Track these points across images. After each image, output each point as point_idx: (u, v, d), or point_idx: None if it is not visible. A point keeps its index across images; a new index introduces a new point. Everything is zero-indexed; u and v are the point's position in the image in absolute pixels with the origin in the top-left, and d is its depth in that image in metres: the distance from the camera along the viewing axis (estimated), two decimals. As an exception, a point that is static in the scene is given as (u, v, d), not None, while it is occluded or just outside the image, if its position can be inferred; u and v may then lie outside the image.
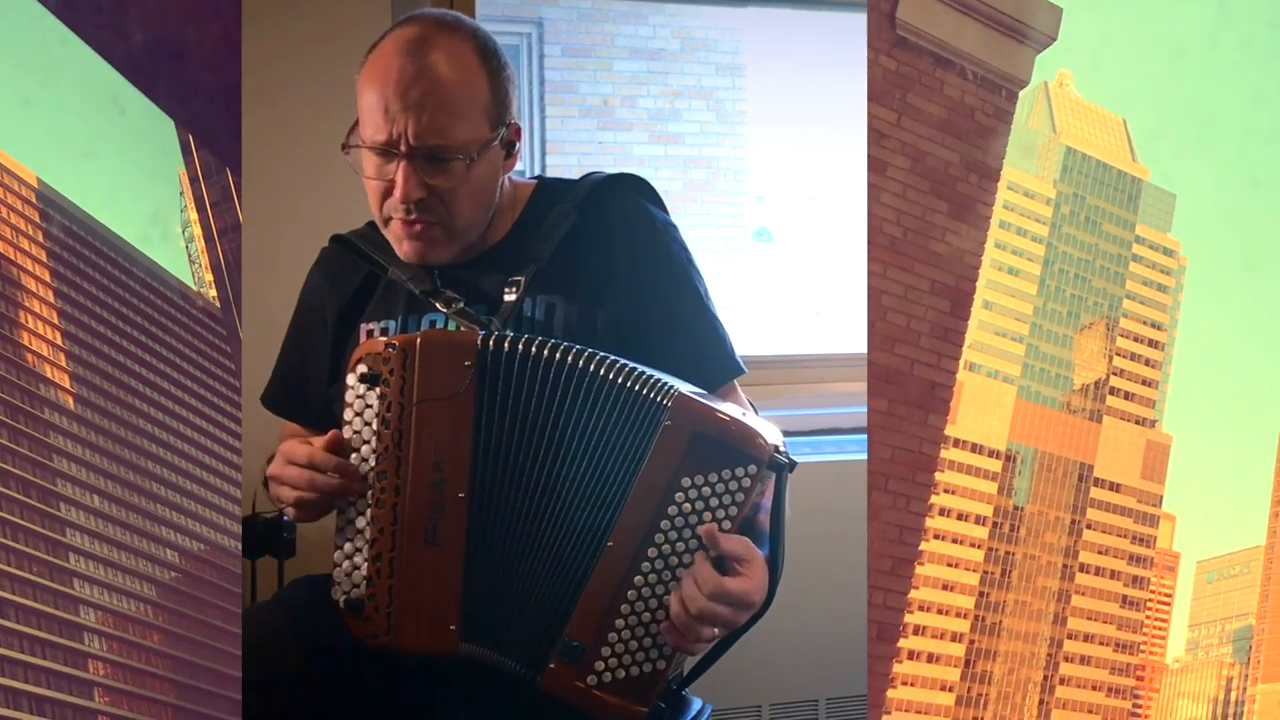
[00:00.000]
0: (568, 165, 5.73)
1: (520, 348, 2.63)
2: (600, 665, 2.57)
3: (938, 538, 35.72)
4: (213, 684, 6.52)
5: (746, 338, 5.22)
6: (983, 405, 37.32)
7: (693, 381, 2.68)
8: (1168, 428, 40.70)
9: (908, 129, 6.32)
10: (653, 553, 2.56)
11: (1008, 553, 37.48)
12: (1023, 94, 6.76)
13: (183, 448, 7.30)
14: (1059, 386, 39.23)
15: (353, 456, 2.68)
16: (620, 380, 2.60)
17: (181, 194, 7.15)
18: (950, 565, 36.06)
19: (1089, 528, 37.97)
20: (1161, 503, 38.91)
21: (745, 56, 5.93)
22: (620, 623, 2.57)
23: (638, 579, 2.56)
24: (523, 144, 2.99)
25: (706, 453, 2.57)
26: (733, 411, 2.63)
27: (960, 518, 36.44)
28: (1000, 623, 36.99)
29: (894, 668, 6.67)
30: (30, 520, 5.85)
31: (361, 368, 2.67)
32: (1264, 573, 36.88)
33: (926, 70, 6.38)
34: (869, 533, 5.80)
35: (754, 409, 2.96)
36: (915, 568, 6.37)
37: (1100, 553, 38.22)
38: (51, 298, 6.72)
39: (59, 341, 6.62)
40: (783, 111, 5.83)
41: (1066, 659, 37.73)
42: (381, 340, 2.69)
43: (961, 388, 34.52)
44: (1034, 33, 6.63)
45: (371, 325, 2.91)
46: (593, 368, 2.61)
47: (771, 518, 2.70)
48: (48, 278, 6.78)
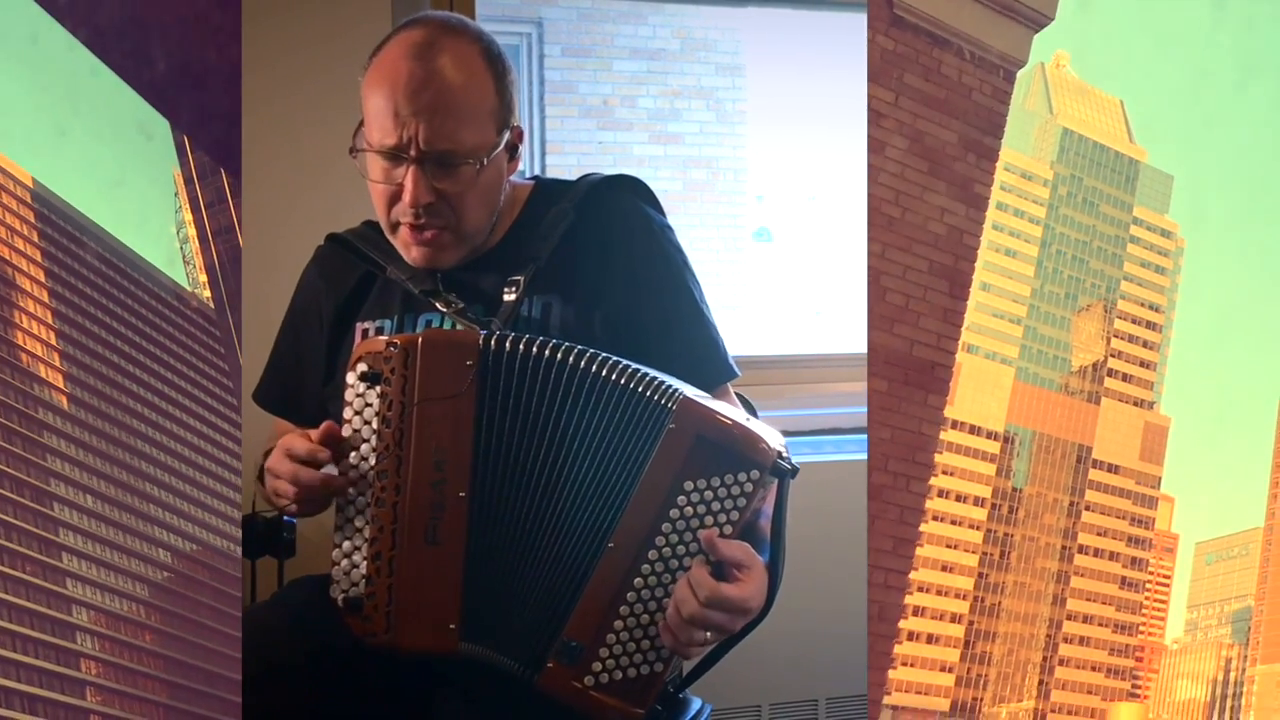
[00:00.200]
0: (568, 165, 5.69)
1: (522, 348, 2.60)
2: (598, 666, 2.54)
3: (936, 519, 35.85)
4: (205, 683, 6.54)
5: (746, 338, 5.23)
6: (980, 387, 37.39)
7: (687, 383, 2.63)
8: (1166, 409, 40.83)
9: (905, 109, 6.31)
10: (653, 555, 2.52)
11: (1006, 534, 37.62)
12: (1019, 75, 6.75)
13: (176, 448, 7.31)
14: (1057, 368, 39.35)
15: (352, 455, 2.64)
16: (623, 382, 2.56)
17: (176, 195, 7.15)
18: (949, 547, 36.18)
19: (1088, 509, 38.10)
20: (1160, 484, 39.07)
21: (745, 56, 5.89)
22: (619, 624, 2.53)
23: (637, 581, 2.53)
24: (524, 146, 2.99)
25: (709, 457, 2.53)
26: (736, 416, 2.59)
27: (959, 499, 36.55)
28: (999, 604, 37.12)
29: (894, 649, 6.67)
30: (24, 520, 5.86)
31: (362, 366, 2.63)
32: (1263, 554, 36.97)
33: (924, 50, 6.37)
34: (869, 512, 5.81)
35: (752, 410, 2.96)
36: (915, 549, 6.37)
37: (1099, 534, 38.36)
38: (46, 298, 6.72)
39: (53, 341, 6.62)
40: (782, 111, 5.80)
41: (1065, 640, 37.88)
42: (382, 339, 2.65)
43: (959, 369, 34.56)
44: (1031, 12, 6.63)
45: (368, 324, 2.87)
46: (594, 368, 2.57)
47: (772, 524, 2.67)
48: (43, 278, 6.78)
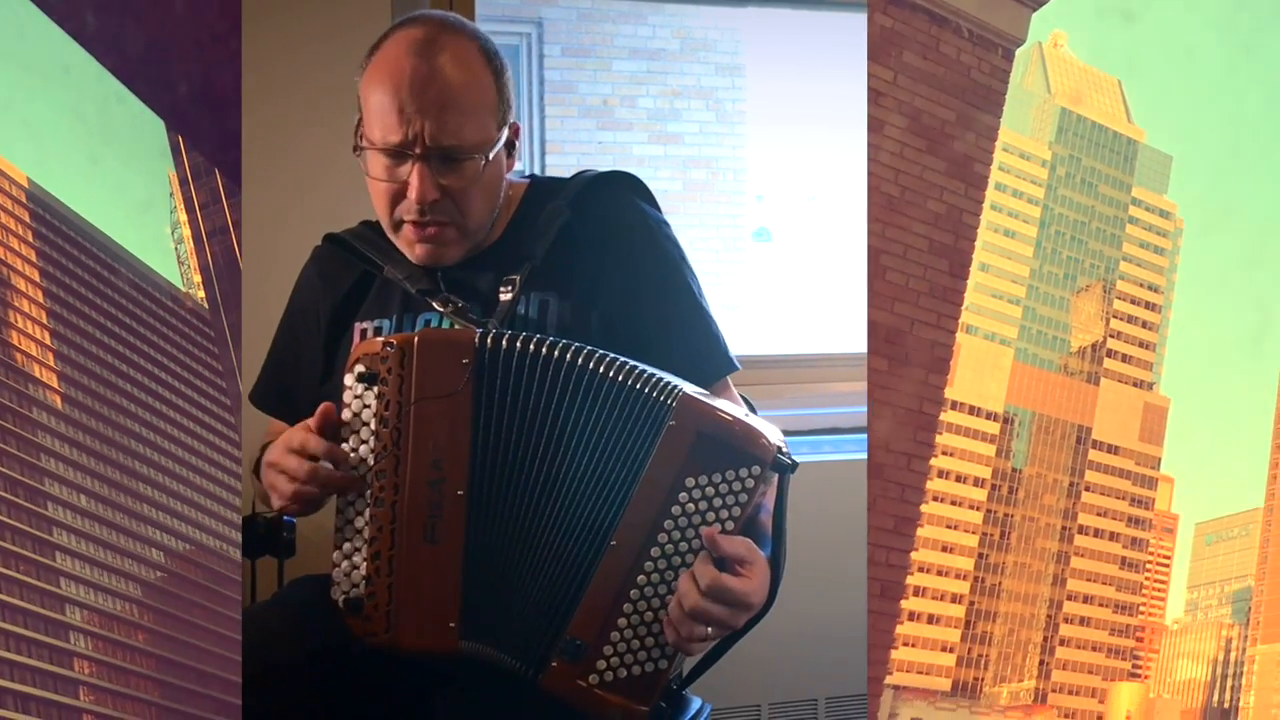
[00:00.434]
0: (567, 165, 5.66)
1: (519, 346, 2.60)
2: (602, 664, 2.54)
3: (936, 500, 35.95)
4: (197, 683, 6.56)
5: (746, 338, 5.23)
6: (980, 368, 37.45)
7: (687, 379, 2.63)
8: (1165, 390, 40.98)
9: (904, 87, 6.31)
10: (655, 552, 2.53)
11: (1006, 515, 37.73)
12: (1017, 54, 6.74)
13: (170, 448, 7.34)
14: (1056, 349, 39.41)
15: (352, 456, 2.65)
16: (623, 379, 2.56)
17: (171, 196, 7.15)
18: (949, 527, 36.28)
19: (1087, 490, 38.19)
20: (1160, 465, 39.21)
21: (745, 56, 5.88)
22: (623, 622, 2.54)
23: (640, 578, 2.53)
24: (522, 143, 2.97)
25: (710, 453, 2.54)
26: (736, 412, 2.60)
27: (959, 480, 36.60)
28: (1000, 584, 37.22)
29: (895, 628, 6.67)
30: (17, 519, 5.89)
31: (360, 367, 2.64)
32: (1263, 535, 37.03)
33: (923, 28, 6.37)
34: (869, 491, 5.82)
35: (751, 407, 2.96)
36: (916, 527, 6.37)
37: (1099, 515, 38.45)
38: (41, 298, 6.74)
39: (48, 341, 6.64)
40: (782, 111, 5.79)
41: (1066, 620, 37.99)
42: (379, 339, 2.65)
43: (959, 350, 34.53)
44: (1029, -11, 6.63)
45: (365, 324, 2.87)
46: (592, 365, 2.57)
47: (774, 519, 2.69)
48: (37, 278, 6.80)
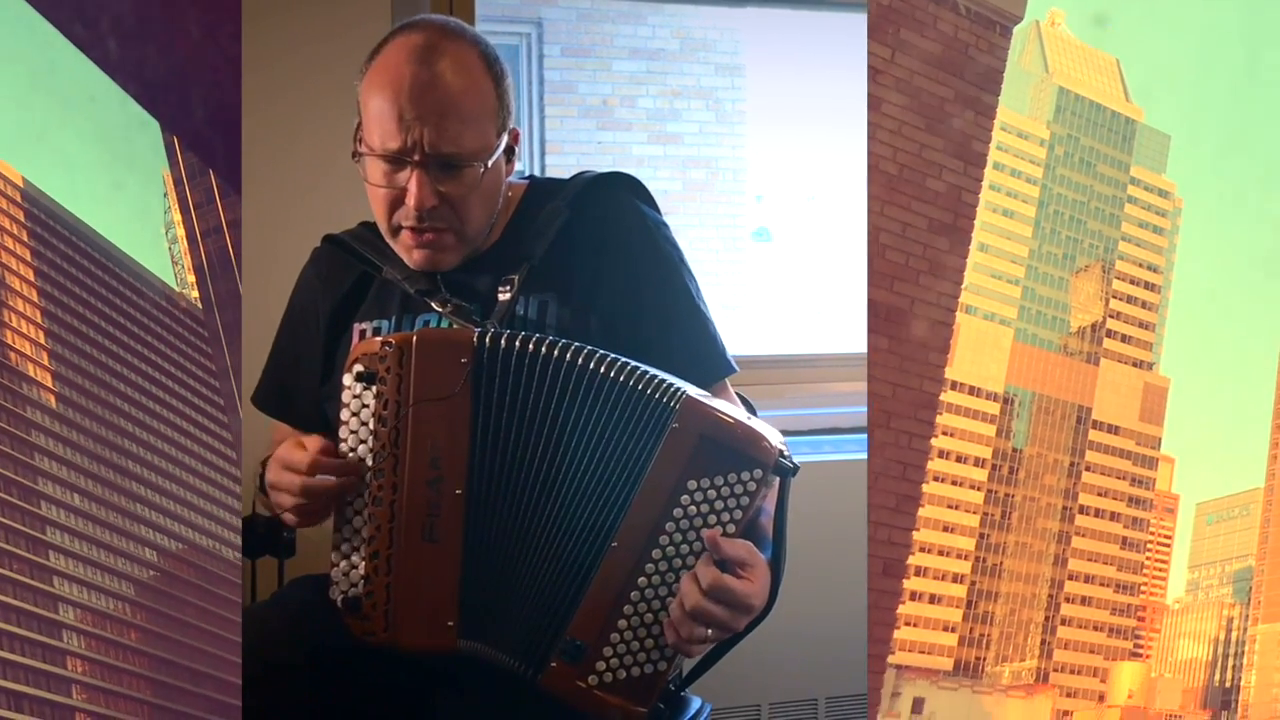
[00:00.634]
0: (567, 165, 5.65)
1: (517, 345, 2.60)
2: (601, 665, 2.55)
3: (937, 480, 35.97)
4: (190, 681, 6.57)
5: (745, 338, 5.24)
6: (979, 348, 37.43)
7: (686, 380, 2.63)
8: (1165, 370, 40.99)
9: (902, 65, 6.30)
10: (656, 554, 2.53)
11: (1007, 495, 37.74)
12: (1015, 33, 6.73)
13: (164, 448, 7.35)
14: (1056, 329, 39.38)
15: (351, 456, 2.65)
16: (623, 380, 2.56)
17: (165, 196, 7.16)
18: (950, 507, 36.31)
19: (1088, 470, 38.17)
20: (1160, 445, 39.20)
21: (744, 56, 5.87)
22: (623, 623, 2.55)
23: (641, 580, 2.54)
24: (521, 147, 2.96)
25: (713, 456, 2.55)
26: (738, 415, 2.60)
27: (959, 460, 36.59)
28: (1001, 564, 37.25)
29: (897, 607, 6.68)
30: (11, 518, 5.90)
31: (358, 367, 2.64)
32: (1263, 514, 37.02)
33: (920, 5, 6.36)
34: (870, 469, 5.83)
35: (751, 408, 2.97)
36: (918, 506, 6.38)
37: (1100, 495, 38.44)
38: (35, 297, 6.76)
39: (42, 341, 6.66)
40: (782, 112, 5.79)
41: (1068, 600, 38.00)
42: (378, 339, 2.65)
43: (958, 331, 34.51)
44: (1027, -35, 6.61)
45: (365, 325, 2.87)
46: (592, 365, 2.57)
47: (774, 522, 2.69)
48: (32, 277, 6.82)
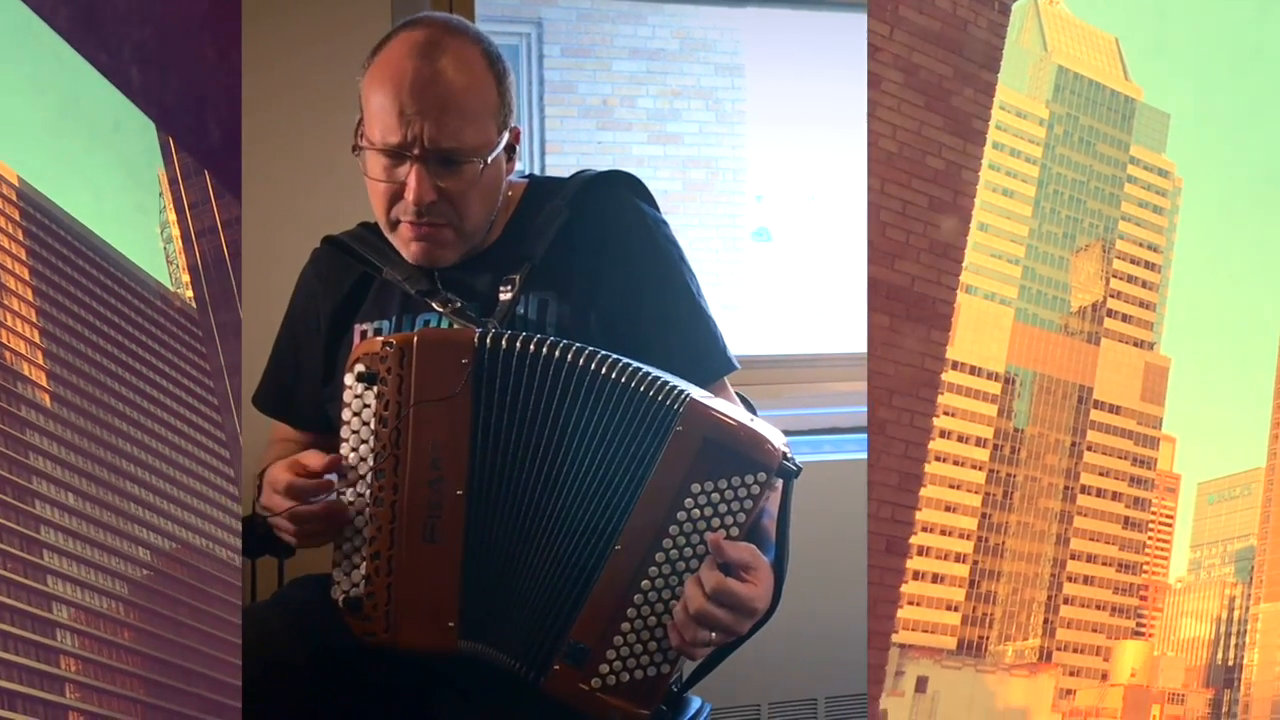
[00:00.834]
0: (567, 165, 5.63)
1: (519, 346, 2.57)
2: (605, 668, 2.52)
3: (939, 459, 35.87)
4: (185, 682, 6.60)
5: (745, 337, 5.23)
6: (980, 328, 37.28)
7: (686, 378, 2.61)
8: (1165, 350, 40.67)
9: (901, 41, 6.28)
10: (660, 558, 2.51)
11: (1009, 475, 37.58)
12: (1014, 10, 6.73)
13: (158, 447, 7.38)
14: (1056, 309, 39.17)
15: (351, 455, 2.66)
16: (624, 381, 2.52)
17: (160, 195, 7.21)
18: (952, 487, 36.18)
19: (1089, 450, 38.03)
20: (1161, 425, 38.96)
21: (744, 56, 5.85)
22: (626, 626, 2.52)
23: (644, 583, 2.51)
24: (521, 146, 2.93)
25: (717, 459, 2.56)
26: (741, 417, 2.60)
27: (961, 440, 36.54)
28: (1003, 544, 37.13)
29: (900, 586, 6.67)
30: (4, 517, 5.93)
31: (359, 367, 2.62)
32: (1265, 494, 36.89)
33: (918, -20, 6.36)
34: (872, 446, 5.83)
35: (751, 407, 2.96)
36: (920, 485, 6.37)
37: (1101, 474, 38.30)
38: (30, 295, 6.77)
39: (36, 339, 6.67)
40: (782, 111, 5.77)
41: (1070, 579, 37.88)
42: (379, 339, 2.63)
43: (959, 310, 34.51)
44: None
45: (365, 326, 2.84)
46: (593, 366, 2.53)
47: (777, 525, 2.68)
48: (26, 275, 6.84)
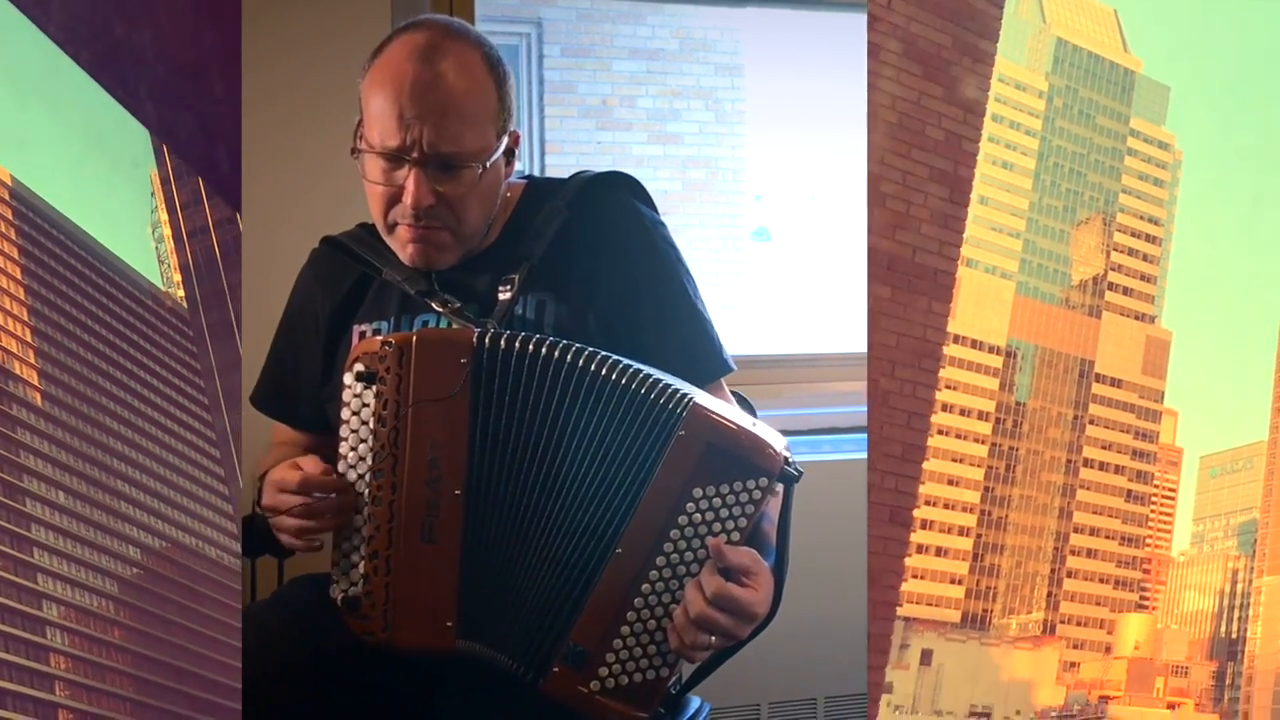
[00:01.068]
0: (567, 165, 5.63)
1: (518, 345, 2.60)
2: (604, 671, 2.56)
3: (941, 433, 35.94)
4: (175, 680, 6.63)
5: (745, 337, 5.25)
6: (981, 301, 37.38)
7: (683, 379, 2.65)
8: (1167, 323, 40.88)
9: (900, 12, 6.27)
10: (661, 561, 2.54)
11: (1011, 448, 37.75)
12: (1011, -19, 6.72)
13: (149, 446, 7.40)
14: (1057, 282, 39.32)
15: (350, 455, 2.67)
16: (625, 382, 2.56)
17: (153, 195, 7.19)
18: (955, 461, 36.28)
19: (1091, 423, 38.18)
20: (1163, 398, 39.16)
21: (744, 57, 5.85)
22: (626, 629, 2.55)
23: (645, 587, 2.54)
24: (521, 149, 2.96)
25: (719, 464, 2.55)
26: (743, 421, 2.60)
27: (963, 414, 36.57)
28: (1006, 517, 37.31)
29: (905, 558, 6.69)
30: (-4, 515, 5.94)
31: (359, 366, 2.65)
32: (1267, 467, 36.96)
33: (917, -51, 6.34)
34: (875, 417, 5.84)
35: (750, 406, 3.00)
36: (923, 455, 6.37)
37: (1103, 448, 38.45)
38: (22, 295, 6.79)
39: (28, 338, 6.70)
40: (781, 112, 5.78)
41: (1073, 553, 38.06)
42: (378, 339, 2.66)
43: (959, 284, 34.46)
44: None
45: (364, 326, 2.89)
46: (594, 367, 2.57)
47: (778, 528, 2.70)
48: (19, 275, 6.85)
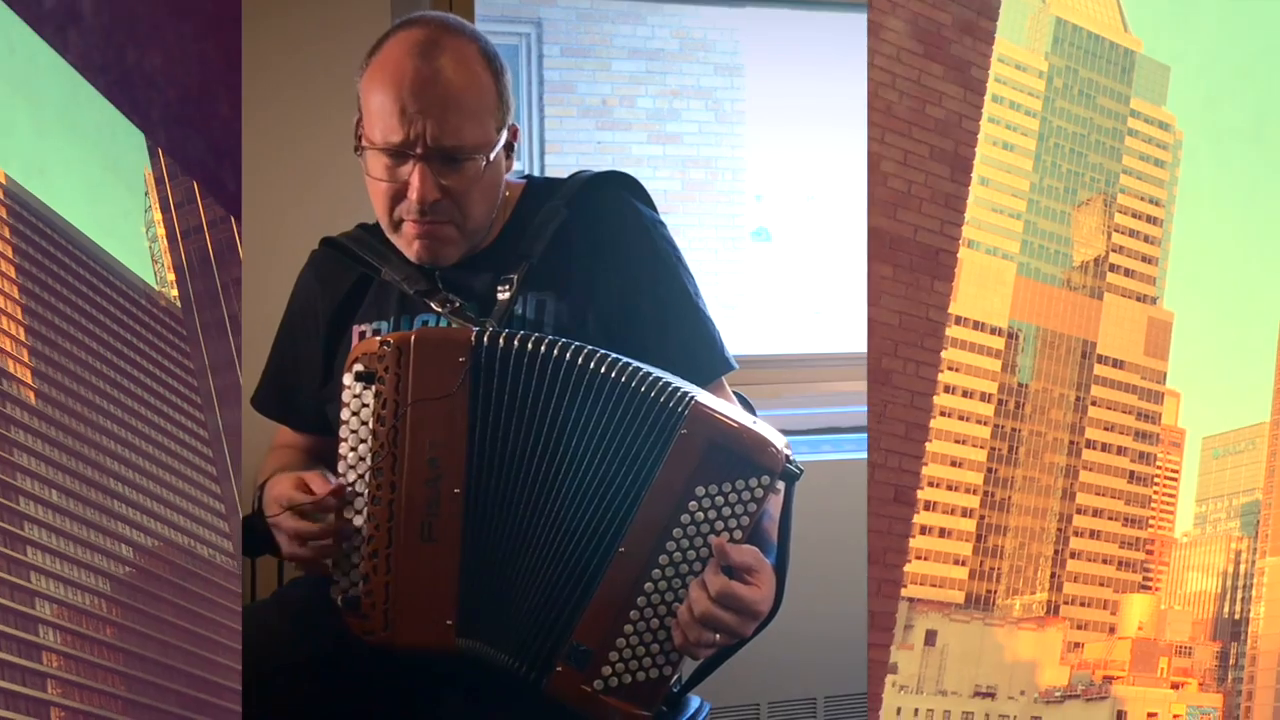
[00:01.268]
0: (566, 165, 5.61)
1: (516, 345, 2.60)
2: (607, 670, 2.56)
3: (944, 415, 35.95)
4: (166, 678, 6.64)
5: (745, 337, 5.25)
6: (983, 283, 37.33)
7: (683, 378, 2.64)
8: (1169, 304, 40.88)
9: None
10: (663, 560, 2.54)
11: (1014, 430, 37.75)
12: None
13: (142, 445, 7.41)
14: (1059, 263, 39.26)
15: (350, 455, 2.67)
16: (625, 381, 2.56)
17: (146, 195, 7.21)
18: (957, 442, 36.27)
19: (1094, 405, 38.17)
20: (1165, 379, 39.12)
21: (744, 56, 5.84)
22: (629, 629, 2.55)
23: (648, 586, 2.54)
24: (520, 145, 2.98)
25: (721, 462, 2.54)
26: (744, 419, 2.60)
27: (965, 395, 36.57)
28: (1009, 498, 37.32)
29: (909, 539, 6.70)
30: (-11, 514, 5.95)
31: (358, 366, 2.65)
32: (1270, 448, 36.91)
33: (916, -72, 6.33)
34: (877, 397, 5.84)
35: (750, 406, 3.00)
36: (926, 435, 6.36)
37: (1106, 429, 38.44)
38: (16, 293, 6.80)
39: (22, 337, 6.71)
40: (781, 111, 5.77)
41: (1076, 534, 38.08)
42: (377, 339, 2.66)
43: (961, 265, 34.43)
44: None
45: (364, 327, 2.89)
46: (594, 365, 2.57)
47: (779, 526, 2.70)
48: (13, 273, 6.86)
